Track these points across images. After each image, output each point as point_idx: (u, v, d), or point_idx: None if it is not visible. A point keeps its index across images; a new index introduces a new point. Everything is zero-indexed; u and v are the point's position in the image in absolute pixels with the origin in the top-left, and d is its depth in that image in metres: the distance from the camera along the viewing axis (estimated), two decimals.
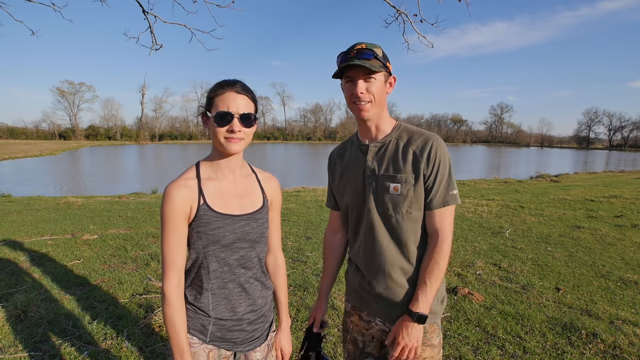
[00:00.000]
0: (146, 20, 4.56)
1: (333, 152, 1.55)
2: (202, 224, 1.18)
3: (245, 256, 1.25)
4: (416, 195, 1.27)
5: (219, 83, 1.21)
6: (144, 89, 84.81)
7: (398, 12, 4.63)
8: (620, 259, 4.55)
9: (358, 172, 1.37)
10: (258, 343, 1.32)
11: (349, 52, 1.26)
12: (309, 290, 3.58)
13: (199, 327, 1.22)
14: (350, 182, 1.40)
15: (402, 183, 1.27)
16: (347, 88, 1.29)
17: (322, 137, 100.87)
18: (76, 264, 4.24)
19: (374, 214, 1.32)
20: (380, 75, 1.26)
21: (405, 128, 1.35)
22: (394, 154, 1.30)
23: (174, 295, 1.16)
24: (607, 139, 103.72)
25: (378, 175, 1.31)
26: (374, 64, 1.23)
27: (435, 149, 1.26)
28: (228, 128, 1.16)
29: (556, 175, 18.51)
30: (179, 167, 28.10)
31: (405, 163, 1.28)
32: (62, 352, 2.51)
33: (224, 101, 1.16)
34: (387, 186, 1.29)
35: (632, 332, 2.82)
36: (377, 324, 1.39)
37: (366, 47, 1.25)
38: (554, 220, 6.64)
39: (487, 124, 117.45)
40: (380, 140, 1.34)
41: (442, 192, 1.26)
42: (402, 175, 1.27)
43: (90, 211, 7.45)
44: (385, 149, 1.32)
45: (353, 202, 1.39)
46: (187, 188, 1.17)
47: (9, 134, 68.95)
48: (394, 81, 1.35)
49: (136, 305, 3.21)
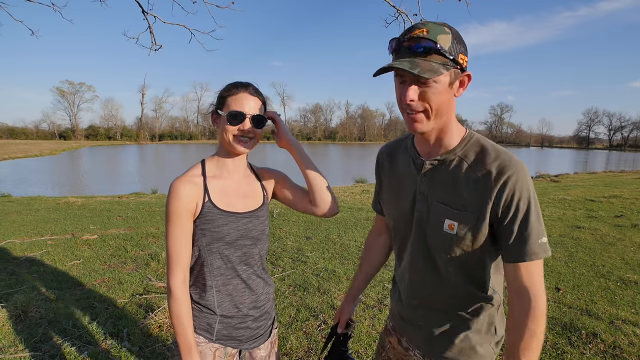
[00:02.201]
0: (146, 20, 4.55)
1: (382, 152, 1.27)
2: (207, 221, 1.19)
3: (248, 253, 1.26)
4: (476, 240, 0.99)
5: (233, 84, 1.23)
6: (144, 89, 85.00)
7: (398, 11, 4.62)
8: (620, 259, 4.55)
9: (407, 190, 1.10)
10: (262, 340, 1.34)
11: (401, 40, 0.92)
12: (309, 290, 3.58)
13: (205, 327, 1.23)
14: (396, 199, 1.15)
15: (461, 222, 0.98)
16: (397, 88, 0.97)
17: (322, 137, 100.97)
18: (76, 264, 4.24)
19: (418, 249, 1.10)
20: (443, 77, 0.91)
21: (475, 143, 1.01)
22: (454, 180, 1.00)
23: (180, 290, 1.17)
24: (607, 139, 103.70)
25: (431, 205, 1.04)
26: (432, 64, 0.88)
27: (514, 183, 0.93)
28: (240, 127, 1.18)
29: (556, 175, 18.50)
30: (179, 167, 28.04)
31: (468, 195, 0.97)
32: (62, 352, 2.51)
33: (237, 101, 1.19)
34: (440, 221, 1.01)
35: (632, 332, 2.82)
36: (416, 355, 1.20)
37: (427, 35, 0.88)
38: (554, 220, 6.64)
39: (487, 124, 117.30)
40: (439, 156, 1.03)
41: (526, 241, 0.93)
42: (462, 213, 0.98)
43: (90, 211, 7.45)
44: (445, 170, 1.02)
45: (398, 224, 1.16)
46: (192, 184, 1.18)
47: (9, 134, 68.97)
48: (468, 80, 0.98)
49: (136, 305, 3.21)
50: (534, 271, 0.95)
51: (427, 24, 0.91)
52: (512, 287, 0.98)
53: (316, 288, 3.61)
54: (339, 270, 4.09)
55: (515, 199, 0.93)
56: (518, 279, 0.96)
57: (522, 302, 0.95)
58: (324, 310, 3.17)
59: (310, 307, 3.23)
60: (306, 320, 3.00)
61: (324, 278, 3.87)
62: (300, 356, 2.55)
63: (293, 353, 2.58)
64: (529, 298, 0.94)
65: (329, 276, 3.92)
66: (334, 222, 6.42)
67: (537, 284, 0.95)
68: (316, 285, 3.69)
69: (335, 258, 4.53)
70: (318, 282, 3.75)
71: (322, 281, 3.78)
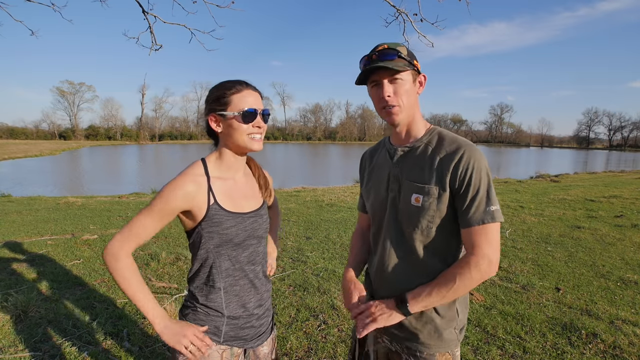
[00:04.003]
0: (146, 20, 4.55)
1: (365, 153, 1.45)
2: (214, 224, 1.16)
3: (254, 252, 1.27)
4: (439, 210, 1.14)
5: (231, 82, 1.19)
6: (144, 89, 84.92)
7: (398, 11, 4.63)
8: (620, 259, 4.55)
9: (383, 176, 1.28)
10: (265, 337, 1.35)
11: (371, 55, 1.17)
12: (309, 290, 3.58)
13: (212, 329, 1.22)
14: (375, 186, 1.31)
15: (425, 195, 1.15)
16: (374, 93, 1.19)
17: (322, 137, 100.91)
18: (76, 264, 4.24)
19: (391, 226, 1.23)
20: (407, 75, 1.15)
21: (438, 133, 1.22)
22: (420, 161, 1.18)
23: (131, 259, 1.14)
24: (607, 139, 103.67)
25: (401, 183, 1.21)
26: (398, 63, 1.13)
27: (467, 160, 1.11)
28: (255, 124, 1.16)
29: (556, 175, 18.50)
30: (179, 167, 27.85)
31: (431, 172, 1.15)
32: (62, 352, 2.51)
33: (245, 99, 1.16)
34: (409, 196, 1.18)
35: (632, 332, 2.82)
36: (384, 341, 1.30)
37: (388, 47, 1.15)
38: (554, 220, 6.64)
39: (487, 124, 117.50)
40: (409, 144, 1.23)
41: (477, 208, 1.10)
42: (426, 186, 1.15)
43: (90, 211, 7.45)
44: (413, 154, 1.21)
45: (375, 207, 1.31)
46: (196, 185, 1.14)
47: (9, 134, 68.96)
48: (424, 80, 1.23)
49: (136, 306, 3.21)
50: (482, 234, 1.10)
51: (386, 43, 1.17)
52: (466, 249, 1.13)
53: (316, 288, 3.61)
54: (339, 270, 4.09)
55: (469, 172, 1.11)
56: (468, 242, 1.11)
57: (464, 255, 1.12)
58: (324, 310, 3.17)
59: (310, 307, 3.23)
60: (306, 320, 3.01)
61: (324, 278, 3.87)
62: (300, 356, 2.55)
63: (293, 353, 2.58)
64: (471, 253, 1.10)
65: (329, 276, 3.92)
66: (334, 222, 6.42)
67: (483, 245, 1.09)
68: (316, 285, 3.69)
69: (335, 258, 4.53)
70: (318, 282, 3.75)
71: (322, 281, 3.78)
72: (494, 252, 1.09)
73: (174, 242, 5.11)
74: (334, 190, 10.75)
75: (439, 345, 1.20)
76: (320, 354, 2.57)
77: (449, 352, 1.22)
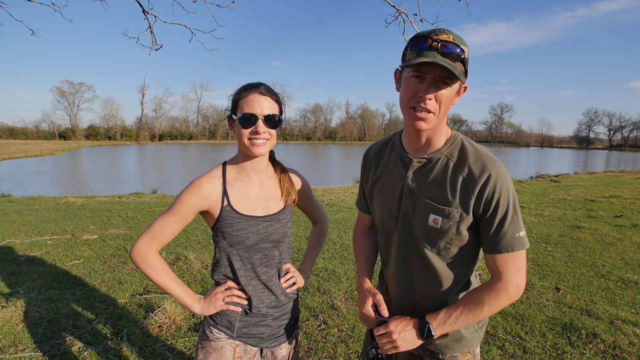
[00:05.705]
0: (146, 20, 4.55)
1: (370, 150, 1.31)
2: (226, 225, 1.21)
3: (268, 255, 1.28)
4: (459, 233, 1.05)
5: (244, 86, 1.22)
6: (144, 89, 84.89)
7: (398, 11, 4.62)
8: (620, 259, 4.55)
9: (395, 187, 1.15)
10: (284, 339, 1.35)
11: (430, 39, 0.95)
12: (309, 290, 3.58)
13: (225, 323, 1.26)
14: (384, 195, 1.19)
15: (444, 217, 1.04)
16: (411, 84, 0.99)
17: (322, 137, 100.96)
18: (76, 264, 4.24)
19: (404, 240, 1.15)
20: (457, 84, 0.99)
21: (460, 144, 1.08)
22: (440, 178, 1.06)
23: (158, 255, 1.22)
24: (607, 139, 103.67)
25: (417, 200, 1.09)
26: (457, 67, 0.95)
27: (495, 183, 1.00)
28: (252, 130, 1.17)
29: (556, 175, 18.50)
30: (179, 167, 28.16)
31: (453, 193, 1.04)
32: (62, 352, 2.51)
33: (248, 103, 1.18)
34: (426, 216, 1.07)
35: (632, 332, 2.82)
36: None
37: (454, 41, 0.95)
38: (554, 220, 6.64)
39: (487, 124, 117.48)
40: (427, 155, 1.09)
41: (505, 235, 1.02)
42: (446, 209, 1.04)
43: (90, 211, 7.45)
44: (431, 168, 1.08)
45: (384, 217, 1.20)
46: (212, 186, 1.20)
47: (9, 134, 68.96)
48: (464, 91, 1.06)
49: (136, 305, 3.21)
50: (510, 262, 1.04)
51: (451, 32, 0.97)
52: (491, 274, 1.08)
53: (316, 288, 3.62)
54: (339, 270, 4.09)
55: (496, 197, 1.00)
56: (496, 268, 1.05)
57: (492, 280, 1.06)
58: (324, 310, 3.17)
59: (310, 307, 3.23)
60: (306, 320, 3.01)
61: (324, 278, 3.87)
62: (300, 356, 2.55)
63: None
64: (499, 279, 1.04)
65: (329, 276, 3.92)
66: (334, 222, 6.42)
67: (512, 272, 1.04)
68: (316, 285, 3.69)
69: (335, 258, 4.53)
70: (318, 282, 3.75)
71: (322, 281, 3.78)
72: (523, 279, 1.05)
73: (174, 242, 5.11)
74: (334, 190, 10.74)
75: (462, 346, 1.18)
76: (320, 354, 2.57)
77: (470, 352, 1.20)
